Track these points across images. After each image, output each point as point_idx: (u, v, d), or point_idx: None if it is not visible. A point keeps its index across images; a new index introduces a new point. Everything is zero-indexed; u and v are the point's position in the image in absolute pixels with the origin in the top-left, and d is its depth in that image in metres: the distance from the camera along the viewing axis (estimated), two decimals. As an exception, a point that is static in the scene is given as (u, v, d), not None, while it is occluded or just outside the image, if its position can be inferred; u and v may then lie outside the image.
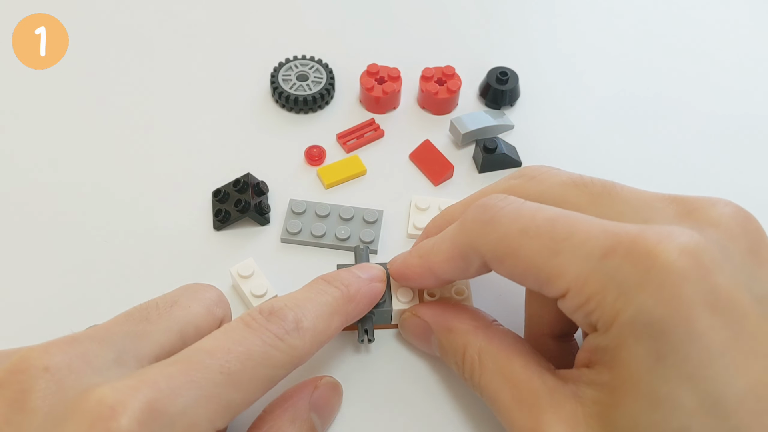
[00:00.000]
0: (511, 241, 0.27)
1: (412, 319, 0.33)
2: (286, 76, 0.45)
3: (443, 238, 0.30)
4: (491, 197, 0.29)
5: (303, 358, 0.28)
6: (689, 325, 0.23)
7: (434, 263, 0.31)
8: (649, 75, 0.49)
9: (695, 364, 0.23)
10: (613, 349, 0.25)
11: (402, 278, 0.33)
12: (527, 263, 0.27)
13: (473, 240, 0.28)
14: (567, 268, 0.25)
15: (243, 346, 0.26)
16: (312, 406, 0.30)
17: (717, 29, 0.52)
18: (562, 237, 0.26)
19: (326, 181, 0.41)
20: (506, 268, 0.28)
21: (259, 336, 0.26)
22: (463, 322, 0.31)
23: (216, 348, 0.25)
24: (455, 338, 0.31)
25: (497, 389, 0.29)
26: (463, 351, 0.30)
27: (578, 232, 0.26)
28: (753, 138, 0.45)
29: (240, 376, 0.25)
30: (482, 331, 0.31)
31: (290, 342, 0.27)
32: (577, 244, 0.25)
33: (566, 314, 0.27)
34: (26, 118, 0.44)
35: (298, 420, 0.29)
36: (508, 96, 0.45)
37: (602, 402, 0.25)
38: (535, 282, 0.27)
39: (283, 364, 0.27)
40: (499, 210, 0.28)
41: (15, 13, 0.48)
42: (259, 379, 0.26)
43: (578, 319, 0.26)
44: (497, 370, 0.29)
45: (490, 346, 0.30)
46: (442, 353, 0.32)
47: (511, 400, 0.28)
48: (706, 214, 0.27)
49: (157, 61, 0.47)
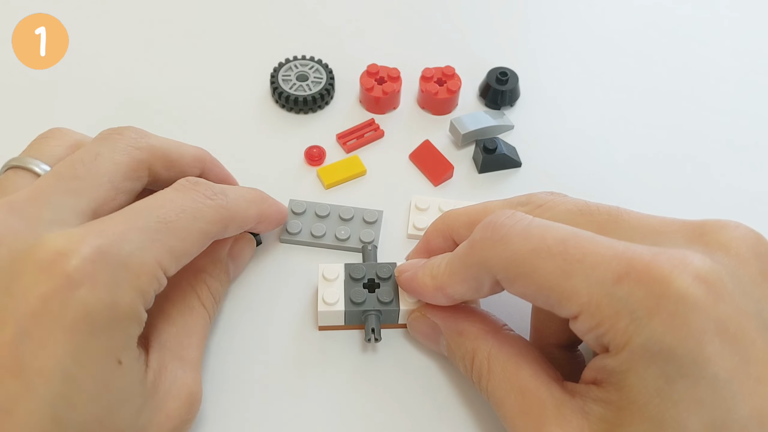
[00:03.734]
0: (523, 261, 0.27)
1: (421, 320, 0.33)
2: (285, 76, 0.45)
3: (454, 258, 0.30)
4: (499, 215, 0.28)
5: (230, 220, 0.31)
6: (699, 353, 0.24)
7: (447, 285, 0.30)
8: (649, 75, 0.49)
9: (703, 390, 0.24)
10: (623, 371, 0.25)
11: (413, 293, 0.33)
12: (539, 284, 0.27)
13: (484, 260, 0.28)
14: (579, 291, 0.25)
15: (175, 202, 0.29)
16: (229, 253, 0.35)
17: (717, 29, 0.52)
18: (575, 258, 0.26)
19: (326, 182, 0.41)
20: (518, 288, 0.28)
21: (190, 195, 0.30)
22: (473, 325, 0.31)
23: (152, 204, 0.29)
24: (465, 342, 0.31)
25: (504, 396, 0.29)
26: (473, 355, 0.31)
27: (590, 255, 0.26)
28: (753, 138, 0.45)
29: (177, 225, 0.28)
30: (492, 335, 0.31)
31: (218, 201, 0.31)
32: (588, 267, 0.25)
33: (577, 334, 0.27)
34: (26, 118, 0.44)
35: (218, 262, 0.34)
36: (508, 96, 0.45)
37: (608, 420, 0.25)
38: (546, 302, 0.27)
39: (213, 220, 0.30)
40: (510, 229, 0.27)
41: (15, 13, 0.48)
42: (195, 231, 0.29)
43: (589, 340, 0.26)
44: (505, 376, 0.29)
45: (499, 352, 0.30)
46: (451, 355, 0.32)
47: (517, 409, 0.28)
48: (716, 238, 0.27)
49: (157, 61, 0.47)
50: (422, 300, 0.33)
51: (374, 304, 0.34)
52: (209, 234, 0.30)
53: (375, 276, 0.34)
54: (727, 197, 0.42)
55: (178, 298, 0.32)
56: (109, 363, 0.25)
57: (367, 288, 0.34)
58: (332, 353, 0.35)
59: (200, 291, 0.33)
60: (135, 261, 0.26)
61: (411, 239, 0.39)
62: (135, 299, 0.26)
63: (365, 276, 0.34)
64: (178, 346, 0.30)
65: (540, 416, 0.27)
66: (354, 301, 0.33)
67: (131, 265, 0.26)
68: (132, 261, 0.26)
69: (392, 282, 0.34)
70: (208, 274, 0.33)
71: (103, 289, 0.25)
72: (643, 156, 0.44)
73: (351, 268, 0.34)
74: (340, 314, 0.34)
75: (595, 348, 0.27)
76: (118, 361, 0.26)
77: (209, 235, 0.30)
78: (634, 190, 0.42)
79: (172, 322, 0.31)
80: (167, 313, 0.31)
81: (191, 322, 0.32)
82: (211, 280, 0.33)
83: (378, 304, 0.34)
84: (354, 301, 0.33)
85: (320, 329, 0.35)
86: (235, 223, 0.32)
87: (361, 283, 0.34)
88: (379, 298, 0.34)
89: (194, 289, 0.33)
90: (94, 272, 0.25)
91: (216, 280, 0.34)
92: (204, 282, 0.33)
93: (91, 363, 0.25)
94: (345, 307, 0.33)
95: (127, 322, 0.26)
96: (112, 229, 0.27)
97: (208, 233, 0.30)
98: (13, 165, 0.31)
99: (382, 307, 0.33)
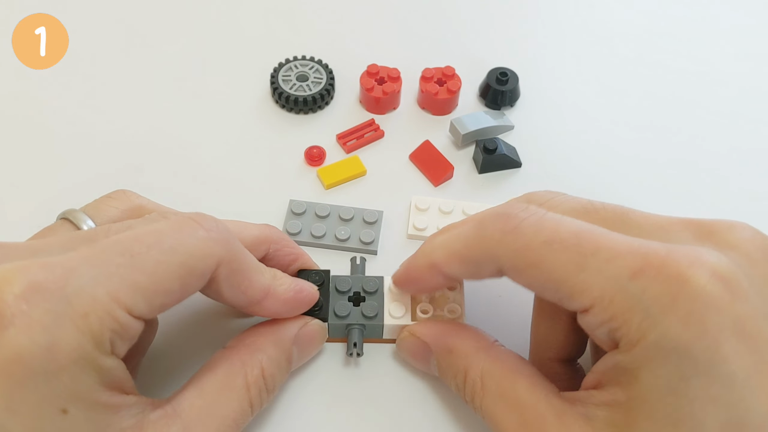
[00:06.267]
0: (534, 252, 0.26)
1: (409, 339, 0.32)
2: (286, 76, 0.45)
3: (457, 237, 0.29)
4: (511, 205, 0.28)
5: (228, 254, 0.27)
6: (716, 351, 0.23)
7: (444, 263, 0.29)
8: (649, 75, 0.49)
9: (720, 388, 0.23)
10: (635, 368, 0.24)
11: (406, 282, 0.32)
12: (549, 276, 0.26)
13: (492, 248, 0.27)
14: (592, 285, 0.25)
15: (154, 234, 0.25)
16: (296, 338, 0.31)
17: (718, 30, 0.52)
18: (589, 252, 0.25)
19: (326, 182, 0.41)
20: (525, 278, 0.27)
21: (178, 226, 0.26)
22: (465, 342, 0.31)
23: (125, 237, 0.25)
24: (456, 360, 0.30)
25: (500, 413, 0.28)
26: (465, 373, 0.30)
27: (604, 249, 0.25)
28: (753, 139, 0.45)
29: (145, 257, 0.25)
30: (484, 352, 0.30)
31: (212, 235, 0.27)
32: (603, 261, 0.25)
33: (585, 328, 0.26)
34: (26, 118, 0.44)
35: (281, 345, 0.30)
36: (508, 96, 0.45)
37: (616, 423, 0.25)
38: (555, 294, 0.26)
39: (202, 255, 0.26)
40: (522, 220, 0.27)
41: (15, 13, 0.48)
42: (172, 264, 0.25)
43: (599, 334, 0.26)
44: (501, 393, 0.28)
45: (492, 368, 0.29)
46: (442, 374, 0.32)
47: (516, 425, 0.27)
48: (725, 238, 0.27)
49: (157, 62, 0.47)
50: (415, 287, 0.33)
51: (358, 318, 0.33)
52: (195, 270, 0.26)
53: (361, 289, 0.34)
54: (727, 198, 0.42)
55: (221, 371, 0.28)
56: (48, 412, 0.22)
57: (352, 301, 0.34)
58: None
59: (250, 371, 0.29)
60: (82, 298, 0.23)
61: (411, 239, 0.39)
62: (82, 342, 0.23)
63: (351, 289, 0.34)
64: (196, 421, 0.27)
65: (541, 430, 0.26)
66: (338, 314, 0.33)
67: (77, 303, 0.23)
68: (78, 298, 0.23)
69: (378, 296, 0.34)
70: (266, 355, 0.30)
71: (39, 329, 0.22)
72: (643, 156, 0.44)
73: (337, 281, 0.34)
74: None
75: (604, 344, 0.26)
76: (62, 410, 0.23)
77: (195, 272, 0.26)
78: (634, 191, 0.42)
79: (202, 395, 0.27)
80: (202, 384, 0.28)
81: (225, 401, 0.28)
82: (268, 363, 0.30)
83: (362, 318, 0.33)
84: (338, 314, 0.33)
85: None
86: (236, 263, 0.28)
87: (347, 296, 0.34)
88: (363, 312, 0.33)
89: (244, 366, 0.29)
90: (28, 310, 0.22)
91: (274, 364, 0.30)
92: (259, 363, 0.29)
93: (26, 411, 0.22)
94: (329, 320, 0.33)
95: (73, 367, 0.23)
96: (62, 263, 0.23)
97: (193, 269, 0.26)
98: (66, 217, 0.30)
99: (366, 321, 0.33)
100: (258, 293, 0.29)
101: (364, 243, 0.38)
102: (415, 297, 0.34)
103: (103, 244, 0.25)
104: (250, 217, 0.38)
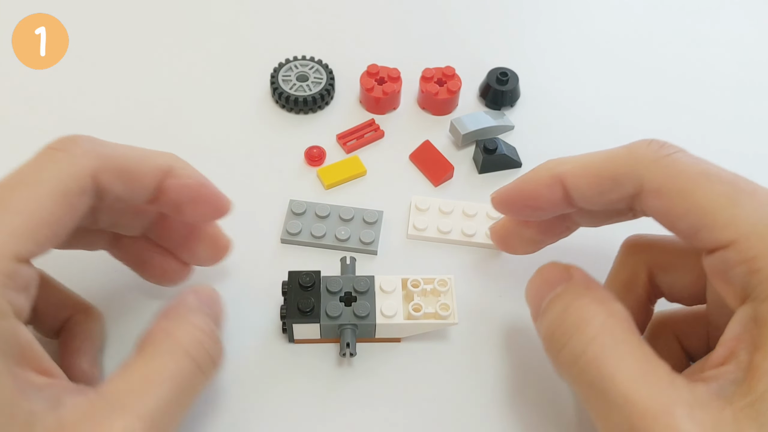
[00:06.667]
0: (688, 179, 0.26)
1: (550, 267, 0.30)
2: (286, 76, 0.45)
3: (596, 154, 0.29)
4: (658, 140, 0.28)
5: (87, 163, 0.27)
6: None
7: (573, 174, 0.29)
8: (649, 76, 0.49)
9: None
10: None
11: (515, 197, 0.31)
12: (696, 203, 0.25)
13: (641, 167, 0.27)
14: (741, 220, 0.24)
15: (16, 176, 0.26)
16: (201, 303, 0.29)
17: (718, 30, 0.52)
18: (745, 191, 0.25)
19: (326, 182, 0.41)
20: (665, 203, 0.26)
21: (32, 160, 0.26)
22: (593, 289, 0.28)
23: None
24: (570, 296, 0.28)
25: (616, 363, 0.24)
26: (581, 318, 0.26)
27: (761, 193, 0.25)
28: (755, 140, 0.45)
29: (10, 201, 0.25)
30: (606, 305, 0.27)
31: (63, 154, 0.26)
32: (758, 202, 0.25)
33: (712, 271, 0.25)
34: (26, 118, 0.44)
35: (197, 310, 0.29)
36: (508, 96, 0.45)
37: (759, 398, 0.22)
38: (692, 226, 0.26)
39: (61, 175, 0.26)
40: (678, 151, 0.27)
41: (15, 13, 0.48)
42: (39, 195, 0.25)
43: (734, 275, 0.24)
44: (619, 343, 0.25)
45: (614, 322, 0.26)
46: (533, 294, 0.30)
47: (636, 375, 0.24)
48: None
49: (157, 62, 0.47)
50: (524, 207, 0.31)
51: (350, 318, 0.33)
52: (69, 191, 0.25)
53: (352, 289, 0.34)
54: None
55: (148, 346, 0.27)
56: None
57: (344, 301, 0.34)
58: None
59: (178, 330, 0.27)
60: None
61: (411, 239, 0.39)
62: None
63: (342, 289, 0.34)
64: (124, 395, 0.25)
65: (666, 388, 0.23)
66: (330, 314, 0.33)
67: None
68: None
69: (369, 295, 0.34)
70: (190, 311, 0.28)
71: None
72: (643, 156, 0.44)
73: (328, 281, 0.34)
74: (315, 327, 0.33)
75: (733, 293, 0.25)
76: None
77: (71, 192, 0.25)
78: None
79: (128, 372, 0.26)
80: (128, 363, 0.26)
81: (156, 368, 0.26)
82: (197, 316, 0.28)
83: (354, 318, 0.33)
84: (330, 314, 0.33)
85: (296, 342, 0.35)
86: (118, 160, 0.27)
87: (338, 296, 0.34)
88: (355, 312, 0.33)
89: (166, 332, 0.27)
90: None
91: (201, 315, 0.28)
92: (186, 319, 0.28)
93: None
94: (321, 321, 0.33)
95: None
96: None
97: (66, 191, 0.25)
98: None
99: (358, 321, 0.33)
100: (155, 172, 0.28)
101: (364, 243, 0.38)
102: (406, 295, 0.34)
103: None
104: (251, 217, 0.39)
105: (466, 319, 0.36)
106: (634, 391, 0.23)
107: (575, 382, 0.26)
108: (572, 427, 0.33)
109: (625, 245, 0.33)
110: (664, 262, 0.31)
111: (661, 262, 0.31)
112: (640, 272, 0.32)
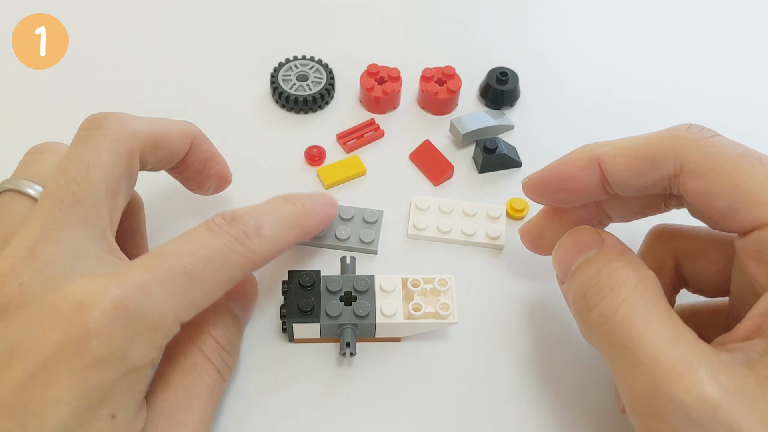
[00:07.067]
0: (727, 160, 0.26)
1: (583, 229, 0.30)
2: (286, 76, 0.45)
3: (635, 137, 0.29)
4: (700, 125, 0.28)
5: (261, 262, 0.30)
6: None
7: (610, 155, 0.29)
8: (650, 75, 0.49)
9: None
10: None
11: (549, 179, 0.31)
12: (735, 183, 0.26)
13: (681, 148, 0.27)
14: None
15: (205, 249, 0.28)
16: (229, 296, 0.32)
17: (718, 29, 0.52)
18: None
19: (326, 182, 0.41)
20: (704, 183, 0.27)
21: (221, 239, 0.28)
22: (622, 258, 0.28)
23: (180, 252, 0.27)
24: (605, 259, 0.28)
25: (645, 323, 0.25)
26: (614, 281, 0.27)
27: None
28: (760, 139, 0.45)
29: (202, 277, 0.27)
30: (637, 270, 0.27)
31: (250, 246, 0.29)
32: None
33: (745, 252, 0.26)
34: (25, 118, 0.44)
35: (219, 309, 0.31)
36: (508, 96, 0.45)
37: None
38: (731, 206, 0.26)
39: (242, 266, 0.29)
40: (716, 134, 0.28)
41: (15, 13, 0.48)
42: (220, 280, 0.28)
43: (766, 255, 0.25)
44: (649, 305, 0.26)
45: (646, 288, 0.27)
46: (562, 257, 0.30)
47: (663, 335, 0.24)
48: None
49: (157, 61, 0.47)
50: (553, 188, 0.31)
51: (350, 317, 0.33)
52: (233, 280, 0.29)
53: (352, 289, 0.34)
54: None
55: (179, 357, 0.30)
56: (104, 416, 0.25)
57: (344, 301, 0.34)
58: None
59: (204, 344, 0.30)
60: (154, 315, 0.26)
61: (411, 239, 0.39)
62: (148, 353, 0.26)
63: (342, 289, 0.34)
64: (176, 410, 0.28)
65: (693, 350, 0.24)
66: (330, 314, 0.33)
67: (149, 320, 0.25)
68: (151, 315, 0.25)
69: (369, 295, 0.34)
70: (211, 324, 0.31)
71: (118, 342, 0.25)
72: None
73: (328, 281, 0.34)
74: (315, 327, 0.33)
75: (762, 273, 0.25)
76: (112, 416, 0.25)
77: (232, 282, 0.29)
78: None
79: (171, 385, 0.29)
80: (167, 376, 0.29)
81: (194, 380, 0.29)
82: (217, 330, 0.31)
83: (354, 318, 0.33)
84: (330, 314, 0.33)
85: (296, 341, 0.35)
86: (266, 263, 0.30)
87: (338, 296, 0.34)
88: (355, 312, 0.33)
89: (196, 343, 0.30)
90: (111, 325, 0.24)
91: (222, 328, 0.31)
92: (208, 333, 0.31)
93: (88, 414, 0.24)
94: (321, 320, 0.33)
95: (133, 375, 0.25)
96: (135, 281, 0.26)
97: (232, 280, 0.29)
98: (8, 188, 0.30)
99: (358, 320, 0.33)
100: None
101: (364, 243, 0.38)
102: (406, 294, 0.34)
103: (166, 259, 0.27)
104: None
105: (465, 319, 0.36)
106: (661, 350, 0.24)
107: (603, 340, 0.26)
108: (572, 425, 0.33)
109: (651, 233, 0.33)
110: (690, 251, 0.31)
111: (687, 251, 0.32)
112: (666, 260, 0.32)
